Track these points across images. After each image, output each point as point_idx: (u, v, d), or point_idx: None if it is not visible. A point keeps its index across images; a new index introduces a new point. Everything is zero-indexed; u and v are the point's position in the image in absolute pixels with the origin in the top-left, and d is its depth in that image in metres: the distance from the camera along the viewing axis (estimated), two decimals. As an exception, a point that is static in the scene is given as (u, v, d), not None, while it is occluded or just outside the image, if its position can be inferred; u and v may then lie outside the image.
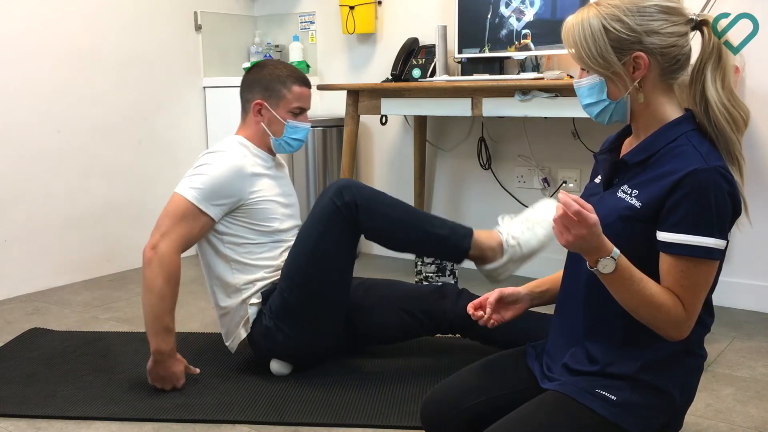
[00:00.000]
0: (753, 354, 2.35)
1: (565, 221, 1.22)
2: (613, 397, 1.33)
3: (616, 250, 1.26)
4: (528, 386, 1.48)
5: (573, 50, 1.37)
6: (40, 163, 3.20)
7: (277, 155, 2.34)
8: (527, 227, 2.04)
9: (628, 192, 1.34)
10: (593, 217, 1.21)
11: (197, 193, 2.07)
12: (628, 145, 1.44)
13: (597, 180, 1.48)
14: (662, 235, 1.29)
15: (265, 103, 2.21)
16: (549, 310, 2.47)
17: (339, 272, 2.10)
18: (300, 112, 2.24)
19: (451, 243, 2.05)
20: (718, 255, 1.28)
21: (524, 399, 1.42)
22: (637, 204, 1.31)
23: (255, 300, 2.15)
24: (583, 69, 1.39)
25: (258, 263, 2.16)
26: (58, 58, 3.24)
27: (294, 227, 2.28)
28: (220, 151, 2.16)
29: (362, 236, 2.09)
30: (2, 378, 2.23)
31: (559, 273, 1.58)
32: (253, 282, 2.16)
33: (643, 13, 1.31)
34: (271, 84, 2.21)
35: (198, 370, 2.18)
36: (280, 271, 2.16)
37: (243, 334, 2.18)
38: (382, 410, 1.97)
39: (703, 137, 1.33)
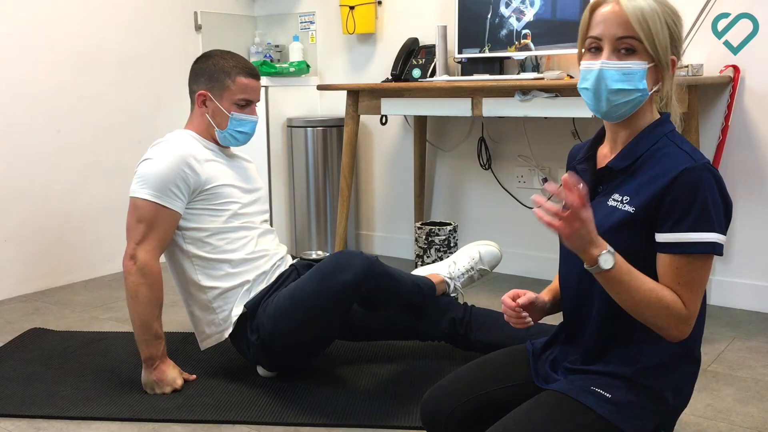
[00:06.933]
0: (753, 354, 2.35)
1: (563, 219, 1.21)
2: (608, 395, 1.34)
3: (609, 246, 1.26)
4: (526, 381, 1.49)
5: (641, 32, 1.29)
6: (40, 163, 3.20)
7: (232, 149, 2.27)
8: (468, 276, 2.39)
9: (619, 200, 1.34)
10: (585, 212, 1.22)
11: (154, 191, 2.03)
12: (604, 152, 1.43)
13: None
14: (663, 237, 1.29)
15: (209, 94, 2.15)
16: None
17: (338, 318, 2.06)
18: (246, 104, 2.17)
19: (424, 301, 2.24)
20: (721, 250, 1.28)
21: (523, 393, 1.43)
22: (631, 209, 1.31)
23: (234, 309, 2.11)
24: (623, 50, 1.31)
25: (220, 257, 2.11)
26: (58, 58, 3.24)
27: (259, 213, 2.23)
28: (164, 142, 2.12)
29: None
30: (2, 378, 2.23)
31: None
32: (216, 283, 2.11)
33: (681, 23, 1.36)
34: (215, 74, 2.14)
35: (194, 377, 2.18)
36: (247, 268, 2.13)
37: (216, 338, 2.15)
38: (382, 410, 1.97)
39: (682, 135, 1.35)
